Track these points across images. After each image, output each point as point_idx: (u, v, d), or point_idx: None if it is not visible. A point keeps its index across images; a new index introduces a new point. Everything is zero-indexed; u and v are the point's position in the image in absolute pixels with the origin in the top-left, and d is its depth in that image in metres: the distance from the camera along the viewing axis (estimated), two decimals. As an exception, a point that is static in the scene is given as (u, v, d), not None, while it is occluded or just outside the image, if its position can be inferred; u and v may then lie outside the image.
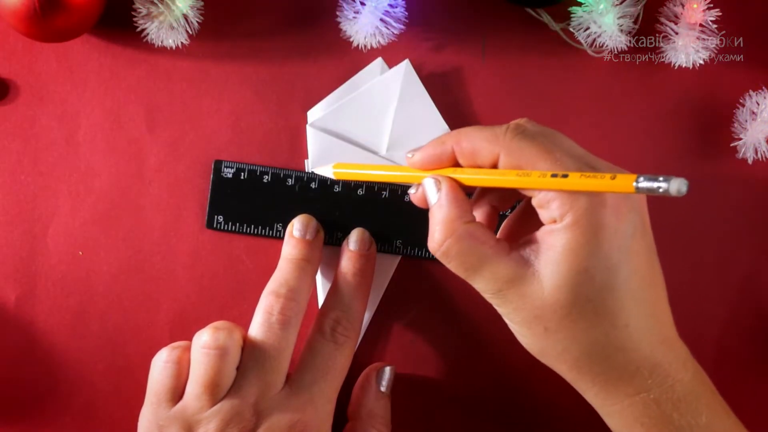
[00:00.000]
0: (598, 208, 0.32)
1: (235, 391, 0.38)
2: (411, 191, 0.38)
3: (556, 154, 0.33)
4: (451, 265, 0.35)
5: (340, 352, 0.41)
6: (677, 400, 0.34)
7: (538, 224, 0.34)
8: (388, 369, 0.44)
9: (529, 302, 0.33)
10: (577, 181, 0.31)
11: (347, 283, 0.43)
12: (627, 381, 0.34)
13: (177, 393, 0.39)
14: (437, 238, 0.35)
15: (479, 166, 0.35)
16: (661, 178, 0.29)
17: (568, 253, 0.32)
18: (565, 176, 0.32)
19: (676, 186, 0.28)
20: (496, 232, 0.37)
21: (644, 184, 0.29)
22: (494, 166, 0.34)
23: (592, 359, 0.34)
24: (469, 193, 0.36)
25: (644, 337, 0.33)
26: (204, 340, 0.39)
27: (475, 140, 0.35)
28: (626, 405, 0.34)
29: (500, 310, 0.35)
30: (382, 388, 0.44)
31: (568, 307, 0.33)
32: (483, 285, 0.35)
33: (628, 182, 0.30)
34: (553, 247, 0.33)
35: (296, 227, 0.44)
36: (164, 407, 0.39)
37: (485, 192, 0.39)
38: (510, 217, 0.39)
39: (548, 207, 0.33)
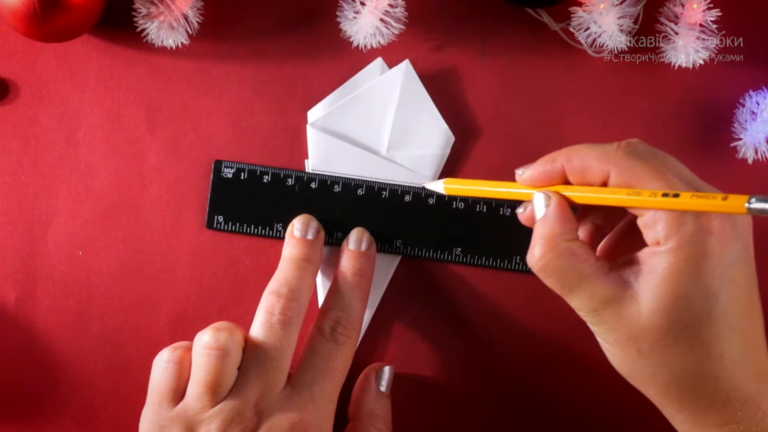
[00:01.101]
0: (704, 235, 0.32)
1: (237, 392, 0.38)
2: (519, 210, 0.37)
3: (668, 175, 0.33)
4: (548, 282, 0.35)
5: (340, 352, 0.41)
6: None
7: (640, 244, 0.34)
8: (387, 369, 0.44)
9: (624, 324, 0.33)
10: (688, 201, 0.31)
11: (347, 282, 0.43)
12: (716, 411, 0.33)
13: (178, 393, 0.39)
14: (536, 253, 0.34)
15: (589, 184, 0.35)
16: None
17: (669, 278, 0.32)
18: (677, 196, 0.32)
19: None
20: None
21: (756, 205, 0.29)
22: (604, 184, 0.34)
23: (683, 386, 0.33)
24: (573, 209, 0.36)
25: (738, 368, 0.33)
26: (205, 340, 0.39)
27: (585, 158, 0.35)
28: None
29: (593, 328, 0.35)
30: (382, 388, 0.44)
31: (664, 332, 0.32)
32: (578, 303, 0.34)
33: (739, 203, 0.30)
34: (654, 270, 0.32)
35: (296, 227, 0.44)
36: (165, 407, 0.39)
37: (590, 210, 0.39)
38: (610, 236, 0.39)
39: (654, 228, 0.33)
